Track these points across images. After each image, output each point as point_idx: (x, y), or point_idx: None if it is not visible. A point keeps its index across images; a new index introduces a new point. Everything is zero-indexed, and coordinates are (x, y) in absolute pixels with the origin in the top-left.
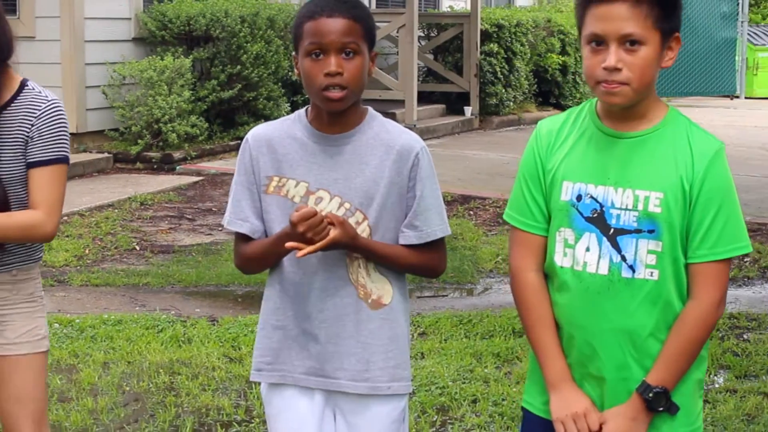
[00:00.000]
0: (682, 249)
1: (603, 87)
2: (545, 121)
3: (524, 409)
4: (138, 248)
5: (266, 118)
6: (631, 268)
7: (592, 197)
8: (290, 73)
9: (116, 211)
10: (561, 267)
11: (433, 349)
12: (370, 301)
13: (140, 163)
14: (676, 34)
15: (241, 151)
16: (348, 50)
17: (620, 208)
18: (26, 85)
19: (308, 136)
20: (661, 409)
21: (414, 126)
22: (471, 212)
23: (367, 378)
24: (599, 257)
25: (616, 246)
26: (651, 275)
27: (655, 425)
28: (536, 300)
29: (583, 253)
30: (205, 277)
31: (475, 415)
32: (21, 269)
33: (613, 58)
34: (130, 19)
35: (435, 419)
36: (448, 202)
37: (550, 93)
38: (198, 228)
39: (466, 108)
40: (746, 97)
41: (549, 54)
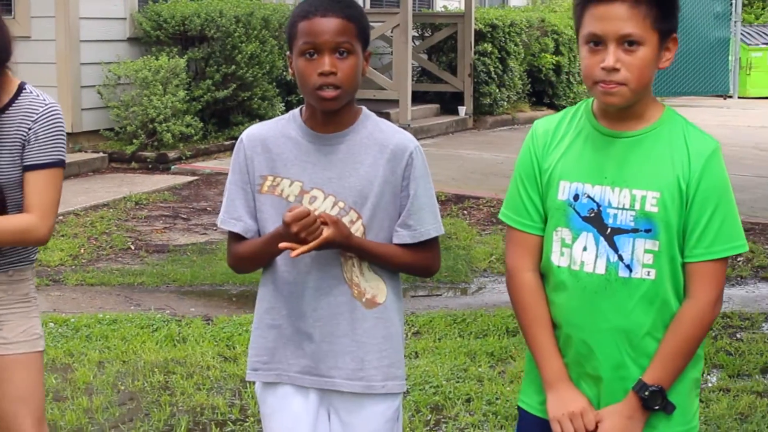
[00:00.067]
0: (679, 248)
1: (601, 87)
2: (541, 121)
3: (520, 409)
4: (133, 248)
5: (261, 117)
6: (628, 267)
7: (589, 197)
8: (285, 72)
9: (111, 210)
10: (558, 266)
11: (427, 348)
12: (364, 300)
13: (135, 162)
14: (673, 35)
15: (236, 151)
16: (342, 50)
17: (617, 208)
18: (24, 88)
19: (302, 135)
20: (657, 407)
21: (408, 126)
22: (465, 212)
23: (362, 377)
24: (596, 257)
25: (613, 245)
26: (648, 274)
27: (651, 424)
28: (533, 300)
29: (580, 253)
30: (200, 276)
31: (469, 414)
32: (17, 270)
33: (611, 59)
34: (125, 18)
35: (429, 418)
36: (442, 201)
37: (543, 93)
38: (193, 227)
39: (460, 108)
40: (739, 97)
41: (543, 54)
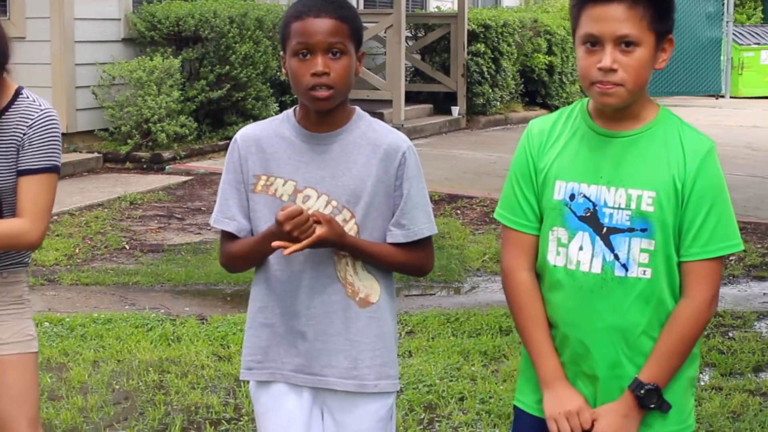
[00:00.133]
0: (675, 247)
1: (598, 88)
2: (536, 121)
3: (516, 408)
4: (128, 247)
5: (255, 118)
6: (624, 266)
7: (584, 196)
8: (279, 73)
9: (106, 210)
10: (554, 266)
11: (420, 347)
12: (357, 299)
13: (130, 162)
14: (669, 35)
15: (230, 151)
16: (335, 50)
17: (613, 207)
18: (21, 93)
19: (296, 135)
20: (653, 406)
21: (401, 126)
22: (458, 211)
23: (355, 375)
24: (592, 256)
25: (609, 245)
26: (644, 274)
27: (646, 423)
28: (529, 299)
29: (576, 252)
30: (195, 275)
31: (462, 413)
32: (11, 272)
33: (608, 59)
34: (119, 19)
35: (422, 417)
36: (435, 201)
37: (536, 93)
38: (187, 227)
39: (453, 108)
40: (731, 97)
41: (535, 54)
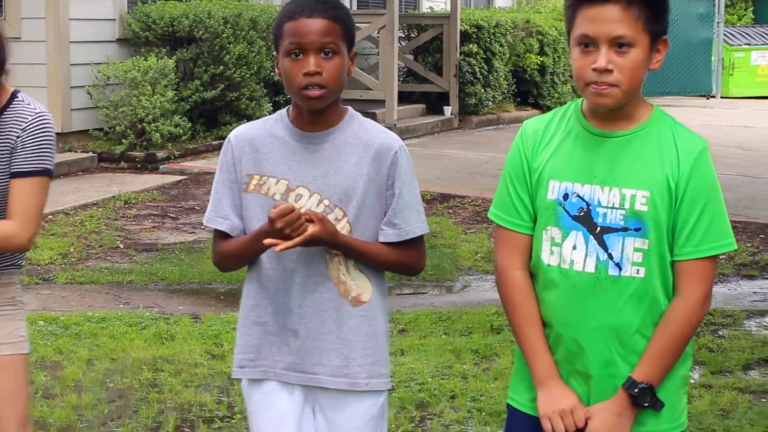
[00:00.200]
0: (668, 247)
1: (593, 88)
2: (530, 121)
3: (510, 406)
4: (122, 246)
5: (249, 117)
6: (618, 266)
7: (578, 196)
8: (272, 73)
9: (100, 209)
10: (548, 265)
11: (412, 345)
12: (349, 298)
13: (124, 162)
14: (663, 36)
15: (223, 150)
16: (327, 50)
17: (607, 207)
18: (16, 96)
19: (289, 134)
20: (647, 404)
21: (394, 125)
22: (450, 210)
23: (346, 374)
24: (586, 255)
25: (602, 244)
26: (637, 273)
27: (640, 421)
28: (523, 298)
29: (570, 252)
30: (188, 274)
31: (454, 411)
32: (4, 274)
33: (603, 60)
34: (114, 20)
35: (414, 415)
36: (427, 200)
37: (528, 93)
38: (181, 226)
39: (445, 108)
40: (722, 97)
41: (527, 54)
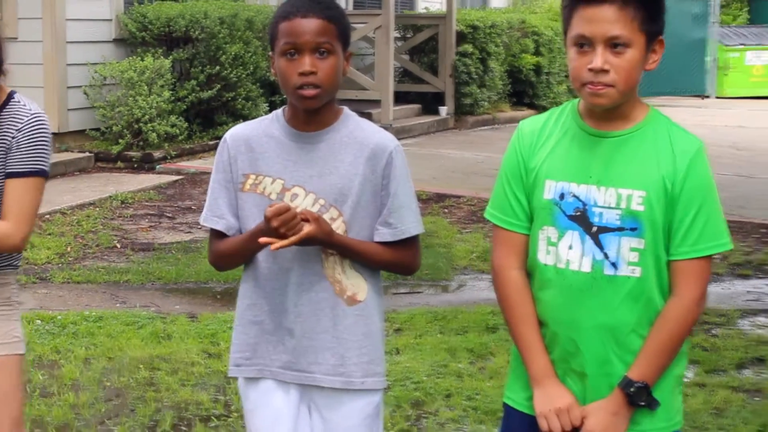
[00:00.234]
0: (664, 246)
1: (589, 88)
2: (527, 121)
3: (506, 405)
4: (119, 246)
5: (245, 118)
6: (614, 265)
7: (574, 196)
8: (268, 73)
9: (97, 209)
10: (544, 265)
11: (408, 344)
12: (345, 297)
13: (121, 162)
14: (659, 37)
15: (219, 150)
16: (322, 50)
17: (603, 207)
18: (12, 97)
19: (285, 134)
20: (642, 404)
21: (390, 126)
22: (446, 210)
23: (342, 372)
24: (582, 255)
25: (598, 244)
26: (633, 272)
27: (635, 420)
28: (519, 298)
29: (566, 251)
30: (185, 274)
31: (449, 410)
32: (0, 274)
33: (599, 60)
34: (111, 20)
35: (410, 413)
36: (423, 200)
37: (524, 93)
38: (177, 226)
39: (441, 108)
40: (717, 97)
41: (523, 55)
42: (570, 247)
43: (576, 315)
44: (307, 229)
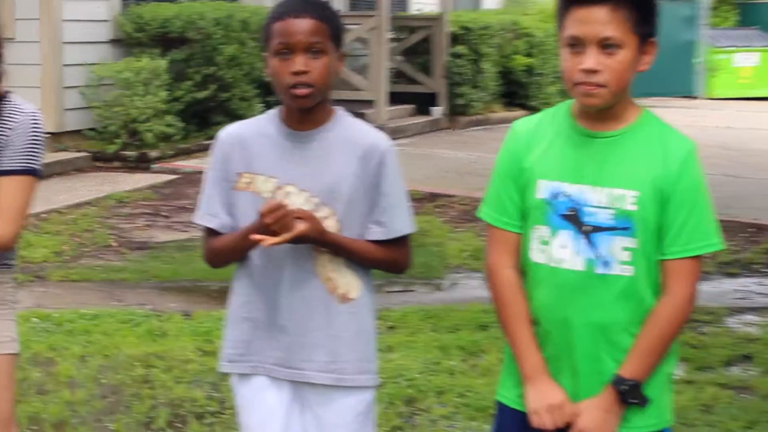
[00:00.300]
0: (656, 246)
1: (581, 89)
2: (521, 121)
3: (499, 402)
4: (115, 245)
5: (240, 118)
6: (606, 264)
7: (567, 195)
8: (263, 74)
9: (94, 208)
10: (537, 263)
11: (401, 342)
12: (337, 295)
13: (117, 161)
14: (652, 38)
15: (214, 149)
16: (314, 50)
17: (596, 206)
18: (7, 97)
19: (279, 133)
20: (634, 401)
21: (384, 126)
22: (439, 209)
23: (333, 369)
24: (574, 254)
25: (591, 243)
26: (625, 271)
27: (626, 418)
28: (512, 296)
29: (558, 250)
30: (180, 272)
31: (442, 407)
32: None
33: (591, 61)
34: (107, 21)
35: (402, 410)
36: (417, 199)
37: (516, 94)
38: (173, 225)
39: (434, 108)
40: (707, 98)
41: (515, 56)
42: (562, 246)
43: (568, 313)
44: (300, 227)
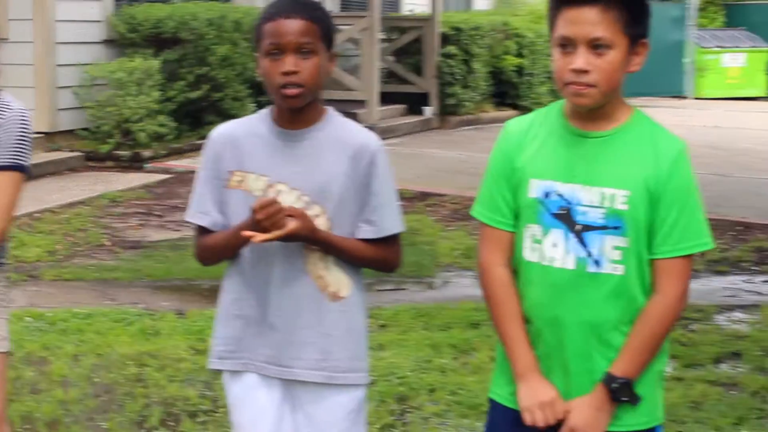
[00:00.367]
0: (647, 245)
1: (571, 88)
2: (513, 121)
3: (491, 400)
4: (108, 244)
5: (233, 117)
6: (597, 263)
7: (559, 194)
8: (255, 74)
9: (87, 207)
10: (529, 262)
11: (392, 340)
12: (328, 293)
13: (110, 161)
14: (643, 39)
15: (206, 148)
16: (304, 50)
17: (587, 206)
18: None
19: (270, 132)
20: (625, 399)
21: (376, 126)
22: (430, 208)
23: (324, 367)
24: (566, 253)
25: (582, 242)
26: (616, 270)
27: (617, 416)
28: (505, 294)
29: (550, 249)
30: (173, 271)
31: (433, 404)
32: None
33: (581, 61)
34: (100, 21)
35: (394, 408)
36: (408, 198)
37: (506, 94)
38: (166, 224)
39: (426, 108)
40: (695, 98)
41: (506, 56)
42: (554, 245)
43: (559, 312)
44: (292, 225)
